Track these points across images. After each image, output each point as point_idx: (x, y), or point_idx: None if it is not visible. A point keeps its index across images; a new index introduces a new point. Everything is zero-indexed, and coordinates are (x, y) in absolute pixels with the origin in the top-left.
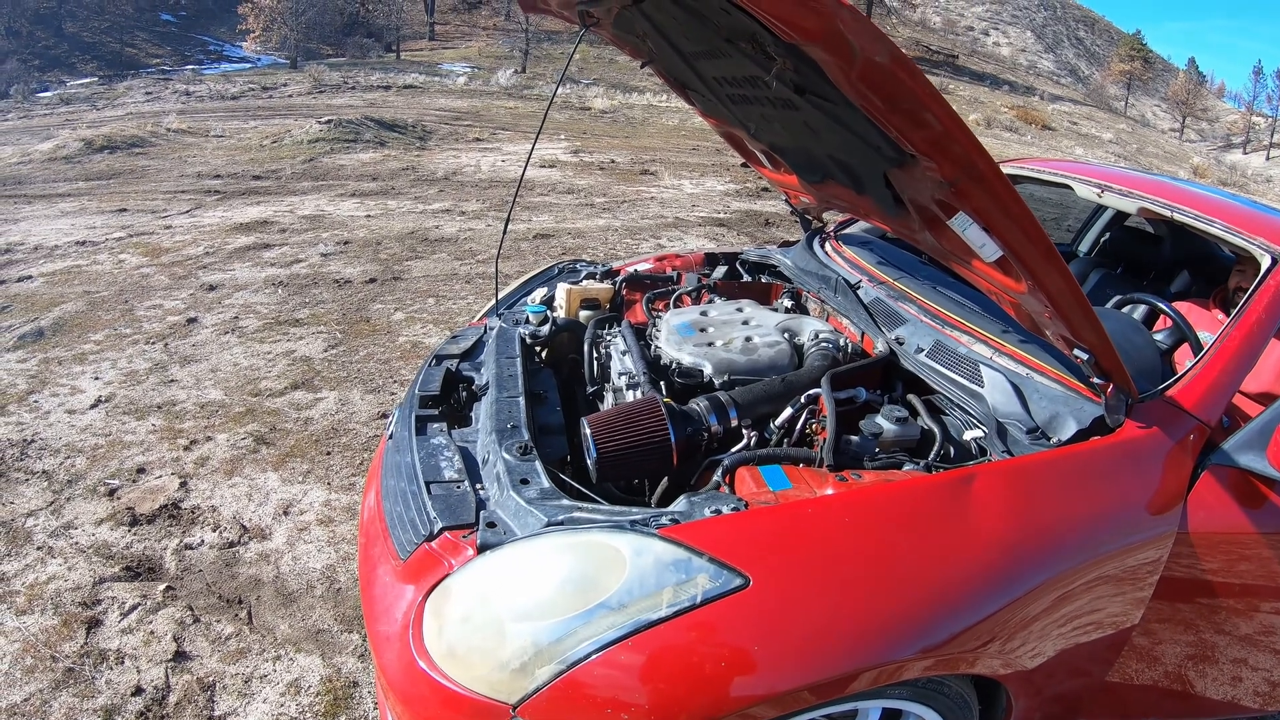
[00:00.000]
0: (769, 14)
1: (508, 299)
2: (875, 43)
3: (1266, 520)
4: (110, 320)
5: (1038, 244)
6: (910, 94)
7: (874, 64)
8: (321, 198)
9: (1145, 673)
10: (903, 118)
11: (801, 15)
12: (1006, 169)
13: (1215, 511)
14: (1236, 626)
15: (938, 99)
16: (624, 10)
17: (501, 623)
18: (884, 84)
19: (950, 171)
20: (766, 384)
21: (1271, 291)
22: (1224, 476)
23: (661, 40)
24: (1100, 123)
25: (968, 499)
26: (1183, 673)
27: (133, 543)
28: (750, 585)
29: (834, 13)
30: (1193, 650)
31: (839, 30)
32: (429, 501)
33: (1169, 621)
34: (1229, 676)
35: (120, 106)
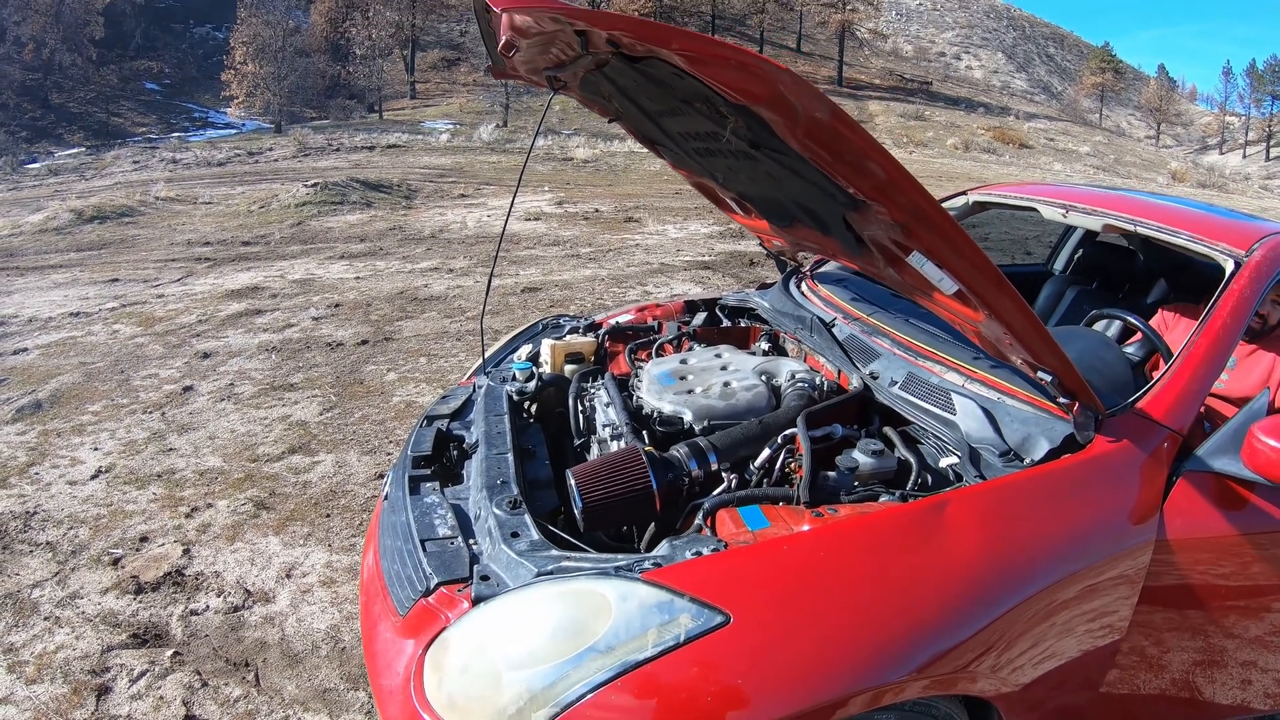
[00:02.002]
0: (717, 81)
1: (494, 357)
2: (815, 101)
3: (1248, 521)
4: (107, 391)
5: (988, 276)
6: (852, 146)
7: (816, 121)
8: (311, 261)
9: (1142, 681)
10: (848, 168)
11: (746, 81)
12: (975, 195)
13: (1193, 517)
14: (1232, 628)
15: (879, 149)
16: (588, 74)
17: (498, 671)
18: (827, 139)
19: (899, 215)
20: (744, 427)
21: (1235, 297)
22: (1200, 482)
23: (626, 100)
24: (1076, 137)
25: (941, 525)
26: (1182, 678)
27: (139, 610)
28: (731, 621)
29: (775, 78)
30: (1189, 655)
31: (781, 93)
32: (424, 558)
33: (1160, 629)
34: (1233, 678)
35: (108, 176)
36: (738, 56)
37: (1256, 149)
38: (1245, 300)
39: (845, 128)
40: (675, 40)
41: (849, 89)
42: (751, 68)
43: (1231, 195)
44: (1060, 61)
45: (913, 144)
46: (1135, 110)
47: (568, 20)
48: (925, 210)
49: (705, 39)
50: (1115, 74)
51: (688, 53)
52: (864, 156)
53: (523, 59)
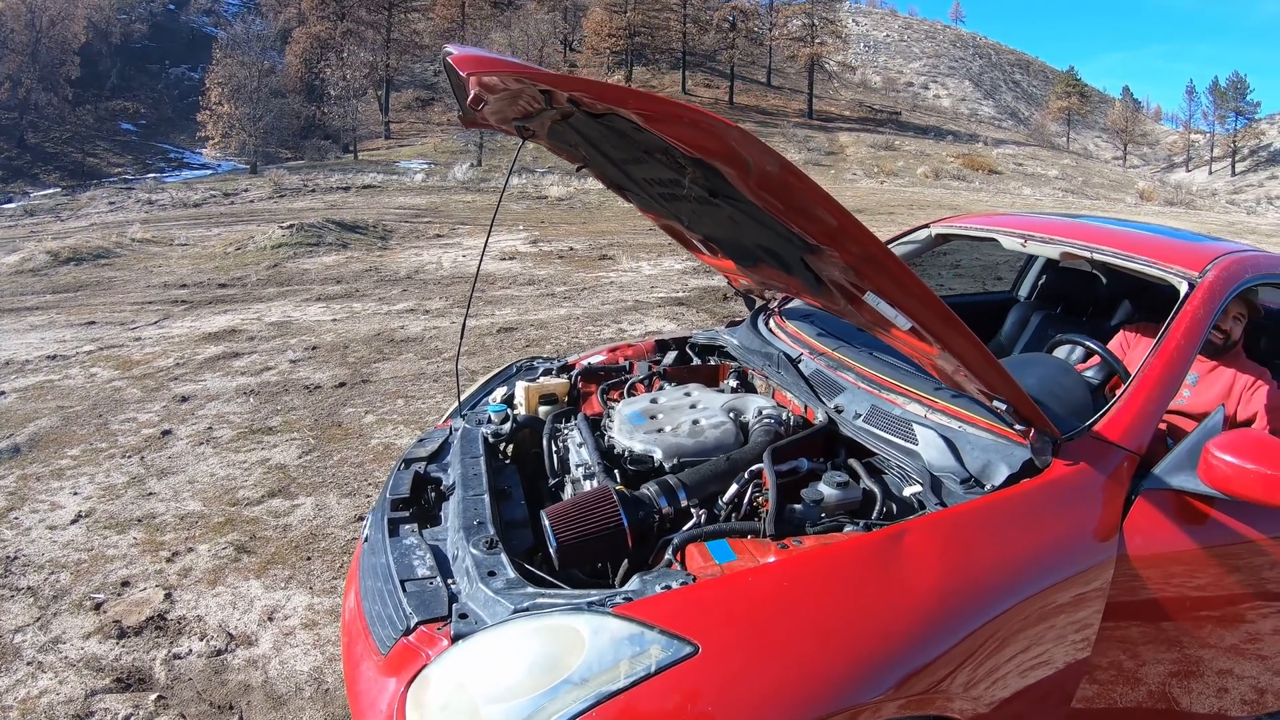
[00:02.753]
0: (672, 137)
1: (470, 400)
2: (764, 155)
3: (1209, 535)
4: (85, 435)
5: (937, 312)
6: (802, 196)
7: (767, 173)
8: (287, 303)
9: (1116, 695)
10: (800, 215)
11: (699, 137)
12: (937, 228)
13: (1154, 534)
14: (1202, 639)
15: (826, 197)
16: (555, 124)
17: (476, 706)
18: (778, 189)
19: (849, 258)
20: (713, 464)
21: (1189, 318)
22: (1160, 500)
23: (592, 149)
24: (1045, 161)
25: (902, 551)
26: (1156, 690)
27: (121, 654)
28: (700, 652)
29: (725, 134)
30: (1162, 667)
31: (733, 148)
32: (404, 598)
33: (1129, 644)
34: (1207, 688)
35: (84, 217)
36: (690, 115)
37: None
38: (1199, 320)
39: (794, 178)
40: (631, 101)
41: (819, 121)
42: (703, 125)
43: (1199, 212)
44: (1026, 87)
45: (883, 174)
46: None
47: (530, 82)
48: (873, 253)
49: (660, 99)
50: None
51: (644, 112)
52: (813, 204)
53: (491, 110)
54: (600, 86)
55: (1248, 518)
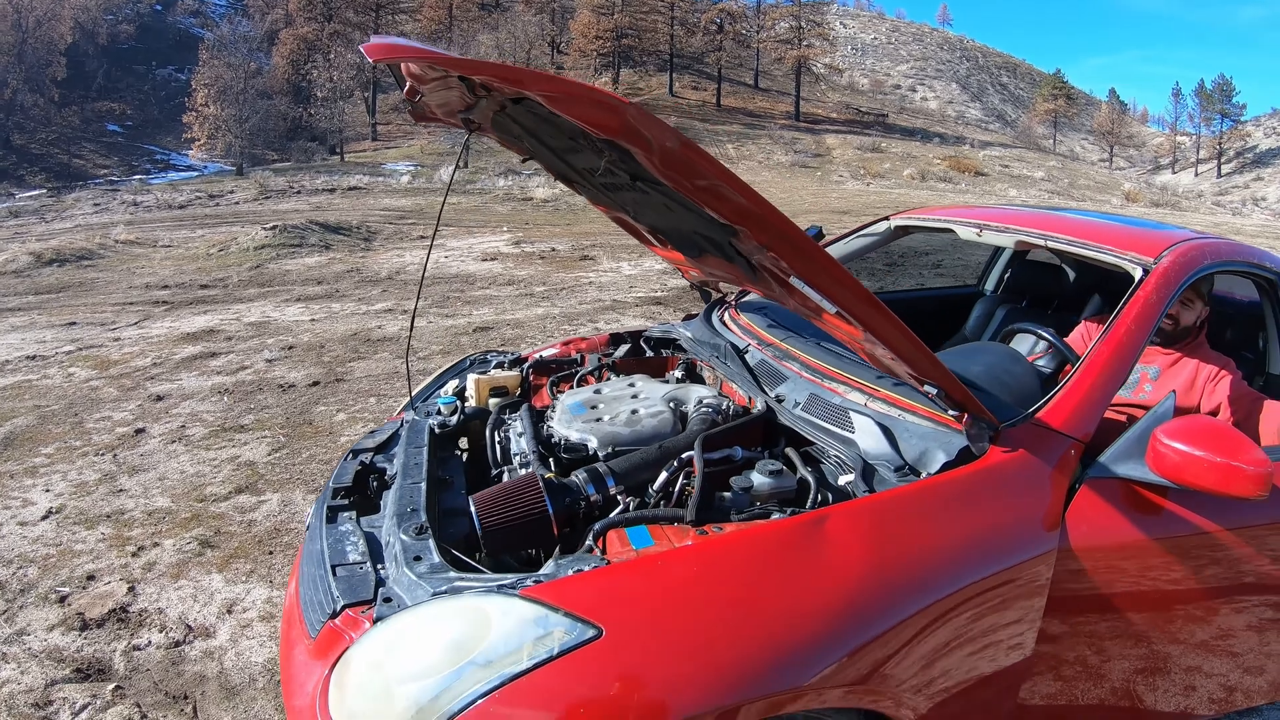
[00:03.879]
0: (574, 116)
1: (422, 393)
2: (664, 132)
3: (1161, 526)
4: (60, 433)
5: (856, 293)
6: (706, 173)
7: (668, 150)
8: (267, 304)
9: (1068, 695)
10: (709, 195)
11: (598, 114)
12: (896, 220)
13: (1099, 524)
14: (1160, 636)
15: (730, 175)
16: (497, 115)
17: (390, 685)
18: (681, 167)
19: (761, 238)
20: (644, 452)
21: (1140, 304)
22: (1107, 489)
23: (533, 139)
24: (1031, 163)
25: (821, 538)
26: (1110, 689)
27: (83, 646)
28: (603, 635)
29: (623, 111)
30: (1115, 665)
31: (631, 125)
32: (334, 583)
33: (1077, 640)
34: (1171, 685)
35: (69, 218)
36: (588, 93)
37: (1208, 167)
38: (1151, 307)
39: (696, 155)
40: (531, 82)
41: (806, 123)
42: (601, 103)
43: (1185, 213)
44: (1013, 90)
45: (870, 175)
46: (1088, 135)
47: (436, 66)
48: (785, 232)
49: (559, 79)
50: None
51: (545, 93)
52: (719, 182)
53: (435, 102)
54: (504, 69)
55: (1201, 508)
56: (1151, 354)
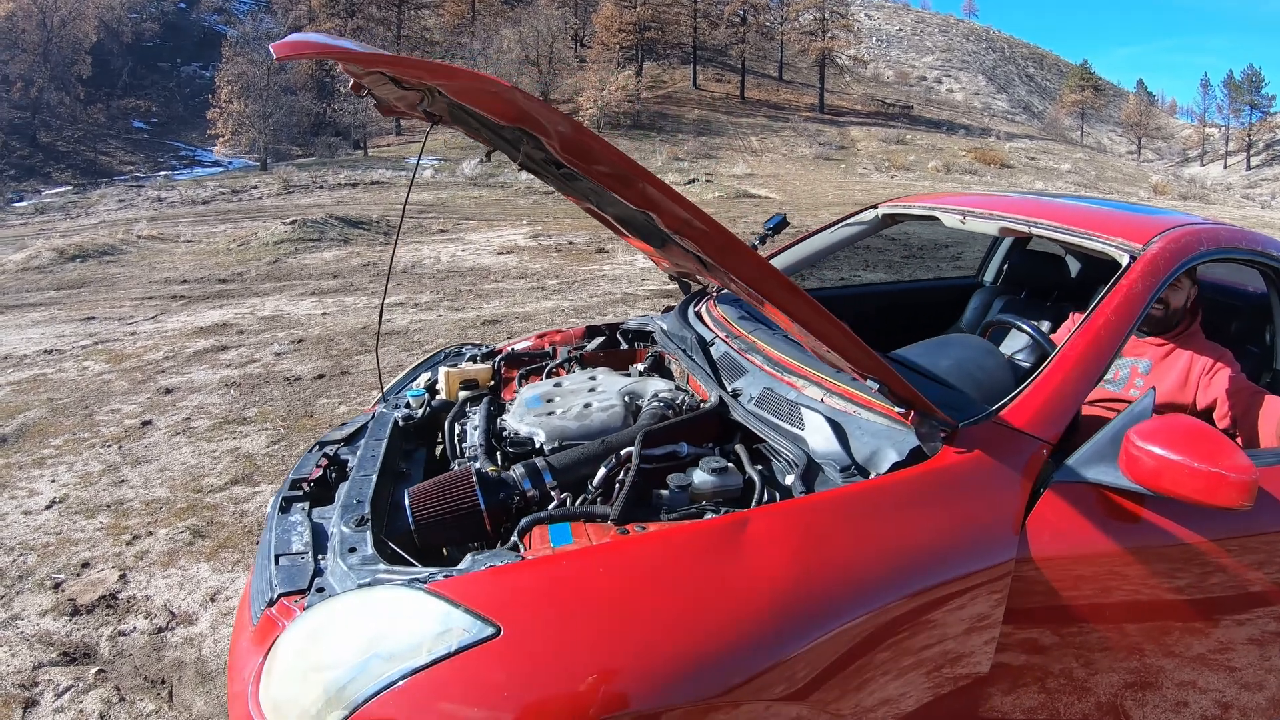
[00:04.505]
0: (474, 105)
1: (395, 386)
2: (555, 115)
3: (1134, 535)
4: (70, 426)
5: (775, 282)
6: (605, 158)
7: (563, 135)
8: (282, 298)
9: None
10: (613, 179)
11: (492, 102)
12: (884, 209)
13: (1064, 533)
14: (1132, 650)
15: (628, 160)
16: (451, 107)
17: (305, 673)
18: (581, 152)
19: (671, 223)
20: (585, 447)
21: (1122, 293)
22: (1076, 495)
23: (488, 130)
24: (1057, 155)
25: (742, 542)
26: (1080, 707)
27: (72, 631)
28: (501, 634)
29: (511, 97)
30: (1086, 681)
31: (524, 110)
32: (274, 572)
33: (1040, 654)
34: (1148, 701)
35: (94, 215)
36: (478, 81)
37: (1237, 159)
38: (1136, 296)
39: (591, 140)
40: (426, 73)
41: (831, 115)
42: (488, 88)
43: (1213, 206)
44: (1040, 81)
45: (894, 168)
46: (1116, 126)
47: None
48: (692, 217)
49: (450, 68)
50: (1095, 91)
51: (440, 83)
52: (619, 167)
53: (385, 97)
54: (400, 61)
55: (1183, 517)
56: (1142, 346)
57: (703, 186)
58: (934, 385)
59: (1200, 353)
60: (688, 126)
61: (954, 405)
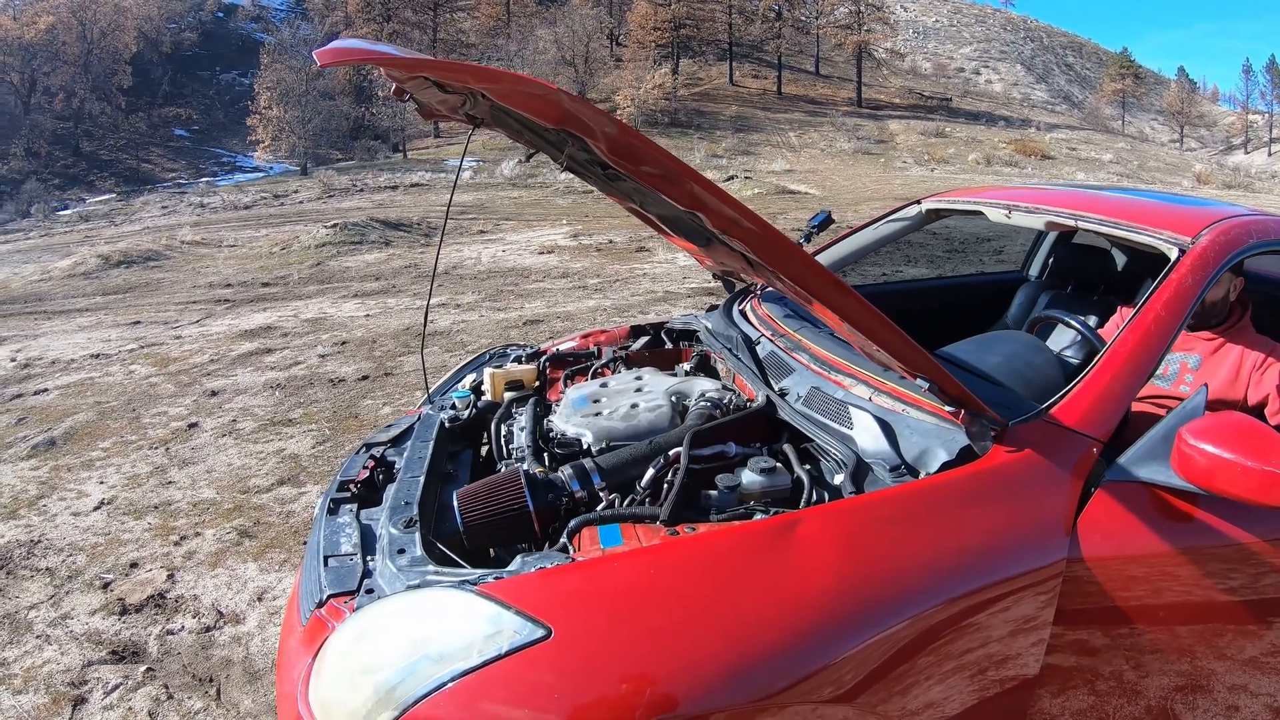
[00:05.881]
0: (519, 108)
1: (441, 387)
2: (603, 118)
3: (1187, 535)
4: (118, 428)
5: (824, 279)
6: (651, 158)
7: (610, 136)
8: (325, 300)
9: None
10: (660, 180)
11: (539, 105)
12: (927, 204)
13: (1116, 533)
14: (1186, 653)
15: (675, 160)
16: (493, 109)
17: (354, 675)
18: (628, 152)
19: (719, 223)
20: (633, 447)
21: (1173, 287)
22: (1127, 494)
23: (530, 133)
24: (1099, 145)
25: (793, 542)
26: (1132, 710)
27: (121, 630)
28: (552, 636)
29: (559, 99)
30: (1138, 684)
31: (570, 111)
32: (324, 574)
33: (1091, 656)
34: (1201, 706)
35: (137, 221)
36: (523, 84)
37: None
38: (1186, 290)
39: (638, 140)
40: (471, 77)
41: (869, 109)
42: (533, 91)
43: (1258, 195)
44: (1079, 70)
45: (934, 161)
46: (1158, 115)
47: (376, 65)
48: (740, 216)
49: (495, 72)
50: (1135, 79)
51: (486, 87)
52: (665, 167)
53: (428, 100)
54: (444, 66)
55: (1238, 516)
56: (1192, 341)
57: (741, 183)
58: (983, 383)
59: (1251, 347)
60: (725, 123)
61: (1004, 403)
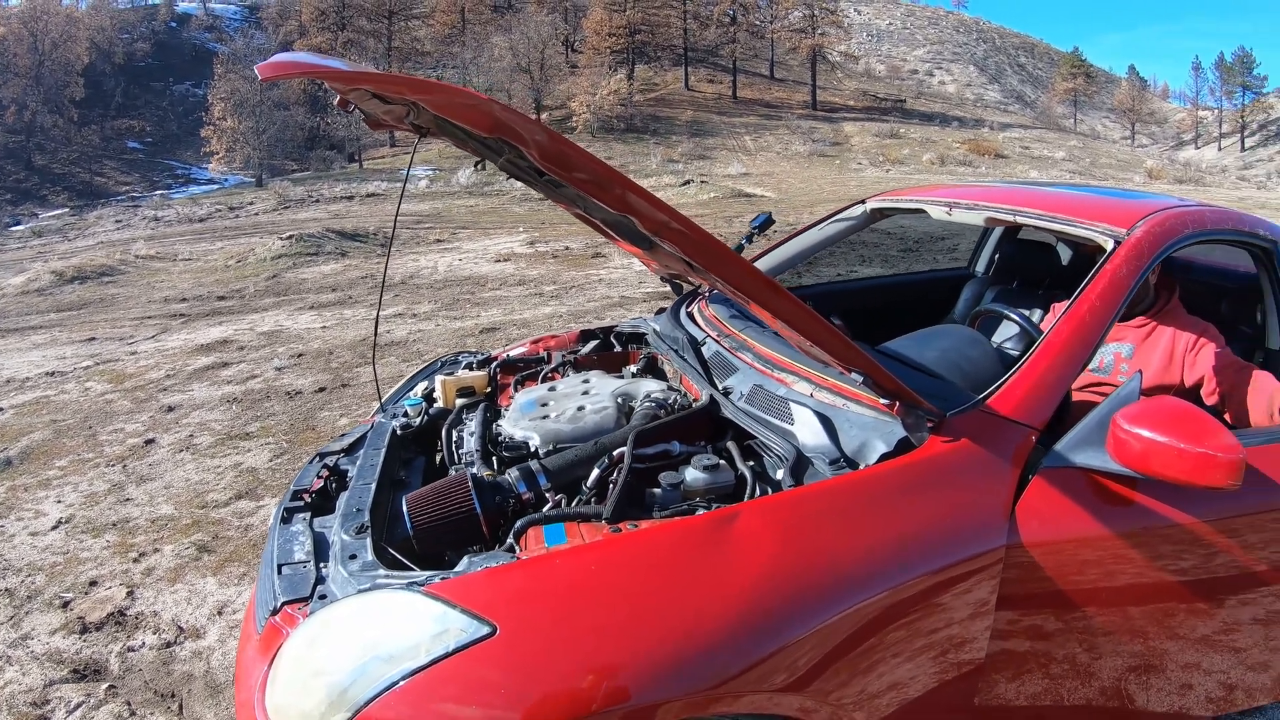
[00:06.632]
0: (455, 118)
1: (393, 396)
2: (532, 125)
3: (1126, 518)
4: (74, 446)
5: (755, 280)
6: (582, 164)
7: (542, 144)
8: (281, 313)
9: (1028, 699)
10: (592, 186)
11: (473, 115)
12: (872, 203)
13: (1053, 518)
14: (1131, 632)
15: (603, 164)
16: (437, 119)
17: (307, 679)
18: (559, 159)
19: (650, 226)
20: (579, 449)
21: (1107, 278)
22: (1065, 480)
23: (473, 140)
24: (1051, 143)
25: (730, 536)
26: (1084, 690)
27: (82, 648)
28: (497, 633)
29: (490, 108)
30: (1087, 665)
31: (502, 120)
32: (278, 581)
33: (1038, 639)
34: (1153, 684)
35: (91, 236)
36: (457, 95)
37: (1231, 141)
38: (1120, 280)
39: (568, 147)
40: (408, 88)
41: (824, 112)
42: (465, 101)
43: (1208, 188)
44: (1032, 70)
45: (889, 162)
46: (1109, 113)
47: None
48: (669, 219)
49: (431, 84)
50: (1086, 78)
51: (421, 98)
52: (595, 173)
53: (373, 111)
54: (384, 79)
55: (1175, 499)
56: (1123, 331)
57: (698, 187)
58: (920, 376)
59: (1183, 329)
60: (681, 128)
61: (940, 395)
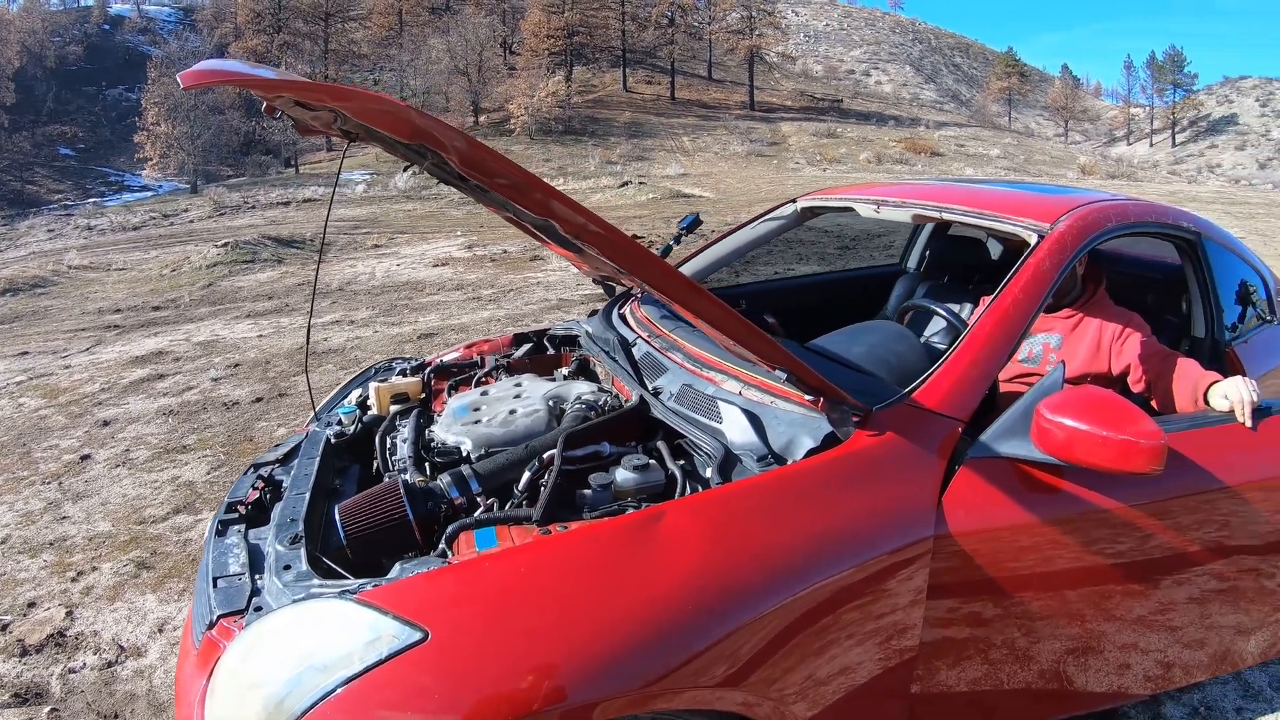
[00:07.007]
0: (375, 125)
1: (328, 404)
2: (451, 132)
3: (1052, 506)
4: (8, 464)
5: (673, 280)
6: (501, 170)
7: (461, 150)
8: (217, 322)
9: (965, 684)
10: (513, 191)
11: (392, 121)
12: (802, 202)
13: (980, 508)
14: (1060, 617)
15: (521, 169)
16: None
17: (243, 692)
18: (478, 164)
19: (569, 228)
20: (510, 452)
21: (1030, 271)
22: (991, 470)
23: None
24: (987, 141)
25: (658, 534)
26: (1019, 673)
27: (22, 672)
28: (429, 638)
29: (407, 115)
30: (1020, 650)
31: (420, 127)
32: (213, 595)
33: (971, 626)
34: (1089, 664)
35: (22, 246)
36: (375, 102)
37: (1162, 137)
38: (1044, 273)
39: (486, 153)
40: (328, 95)
41: (762, 112)
42: (383, 108)
43: (1140, 183)
44: (967, 70)
45: (826, 161)
46: (1043, 111)
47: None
48: (588, 222)
49: (349, 91)
50: (1021, 78)
51: (340, 105)
52: (514, 178)
53: (300, 117)
54: (304, 86)
55: (1099, 485)
56: (1051, 322)
57: (636, 188)
58: (847, 371)
59: (1109, 319)
60: (620, 129)
61: (866, 390)
